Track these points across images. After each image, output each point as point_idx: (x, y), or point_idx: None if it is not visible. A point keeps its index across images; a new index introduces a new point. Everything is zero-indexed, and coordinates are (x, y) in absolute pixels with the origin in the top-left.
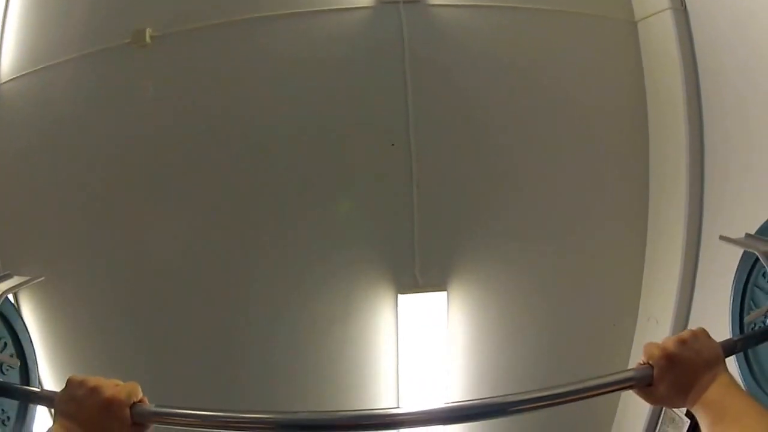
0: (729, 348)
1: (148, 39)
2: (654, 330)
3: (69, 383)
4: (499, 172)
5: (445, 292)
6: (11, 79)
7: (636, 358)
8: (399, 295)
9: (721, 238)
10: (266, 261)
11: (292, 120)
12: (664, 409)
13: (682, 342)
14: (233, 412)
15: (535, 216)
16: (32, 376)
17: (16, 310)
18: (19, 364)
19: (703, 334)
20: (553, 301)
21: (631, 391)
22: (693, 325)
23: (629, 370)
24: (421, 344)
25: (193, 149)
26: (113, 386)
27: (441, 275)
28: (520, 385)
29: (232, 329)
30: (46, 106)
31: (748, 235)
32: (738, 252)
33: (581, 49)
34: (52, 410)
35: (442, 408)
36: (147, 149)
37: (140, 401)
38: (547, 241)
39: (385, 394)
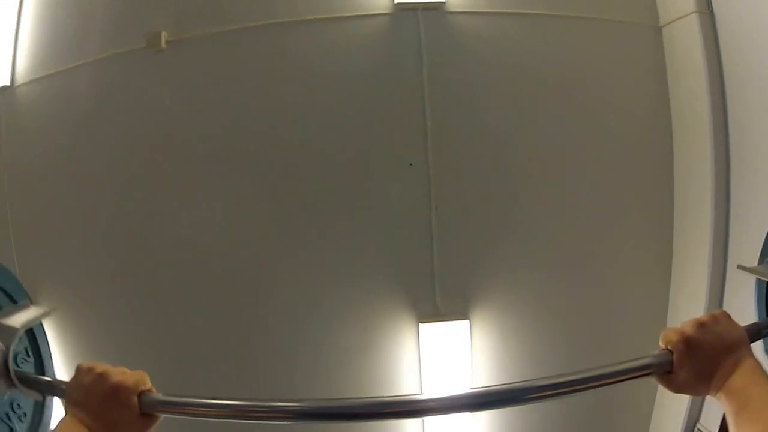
0: (754, 332)
1: (163, 43)
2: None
3: (77, 370)
4: (521, 194)
5: (467, 321)
6: (26, 83)
7: (662, 402)
8: (420, 324)
9: (739, 267)
10: (283, 290)
11: (307, 137)
12: (695, 430)
13: (701, 325)
14: (249, 400)
15: (558, 241)
16: (47, 369)
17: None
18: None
19: (724, 316)
20: (577, 329)
21: (664, 399)
22: None
23: (647, 356)
24: (444, 374)
25: (207, 157)
26: (120, 373)
27: (463, 303)
28: (544, 413)
29: (250, 359)
30: (61, 109)
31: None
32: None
33: (605, 56)
34: (64, 400)
35: (466, 394)
36: (162, 155)
37: (148, 390)
38: (570, 268)
39: (408, 426)
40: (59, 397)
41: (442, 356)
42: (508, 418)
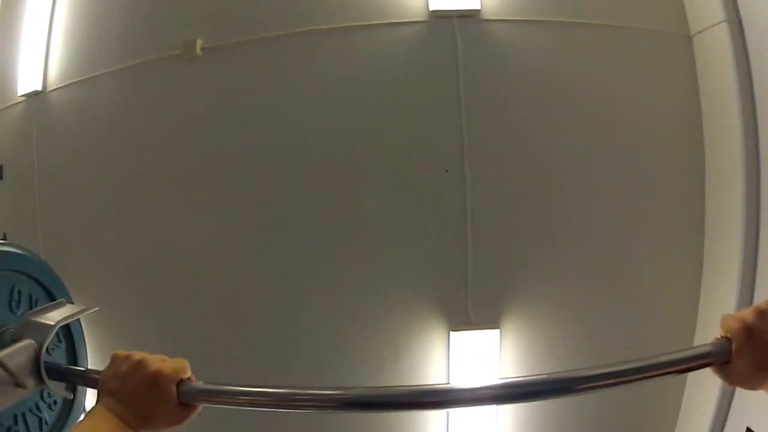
0: None
1: (198, 50)
2: (705, 373)
3: (113, 359)
4: (557, 203)
5: (498, 330)
6: (59, 88)
7: (690, 404)
8: (451, 332)
9: None
10: (319, 298)
11: (343, 144)
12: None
13: (762, 313)
14: (290, 388)
15: (592, 252)
16: (80, 356)
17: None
18: (64, 345)
19: None
20: (606, 343)
21: (689, 404)
22: None
23: (706, 344)
24: (470, 416)
25: (242, 162)
26: (160, 361)
27: (494, 312)
28: (569, 420)
29: (282, 370)
30: (93, 114)
31: None
32: None
33: (636, 65)
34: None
35: (499, 384)
36: (194, 161)
37: (188, 379)
38: (603, 280)
39: (432, 420)
40: (92, 387)
41: (472, 364)
42: (533, 412)
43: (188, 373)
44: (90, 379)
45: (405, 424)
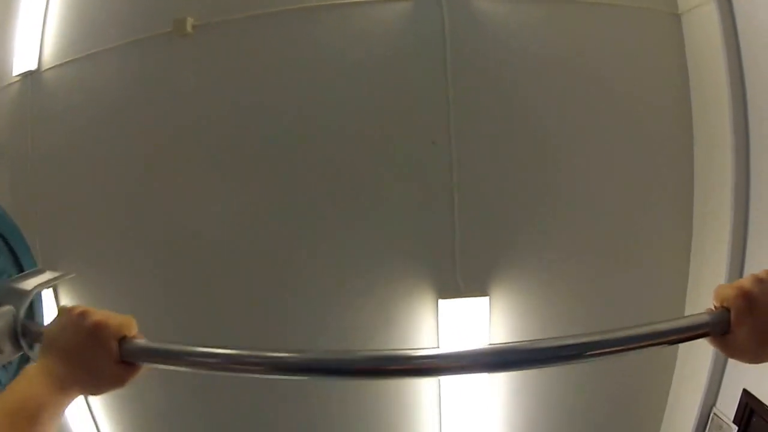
0: None
1: (189, 28)
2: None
3: (58, 313)
4: (542, 174)
5: (487, 298)
6: (53, 67)
7: (685, 369)
8: (440, 300)
9: None
10: (309, 268)
11: (331, 115)
12: (711, 415)
13: (760, 281)
14: (244, 350)
15: (577, 221)
16: (37, 315)
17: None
18: None
19: None
20: (595, 309)
21: (677, 397)
22: None
23: (703, 314)
24: (462, 385)
25: (232, 139)
26: (103, 313)
27: (483, 280)
28: (562, 390)
29: (273, 340)
30: (86, 93)
31: None
32: None
33: (624, 42)
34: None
35: (484, 350)
36: (186, 138)
37: (133, 337)
38: (590, 247)
39: (426, 400)
40: (39, 342)
41: (461, 332)
42: (522, 402)
43: (133, 331)
44: (36, 334)
45: (396, 390)
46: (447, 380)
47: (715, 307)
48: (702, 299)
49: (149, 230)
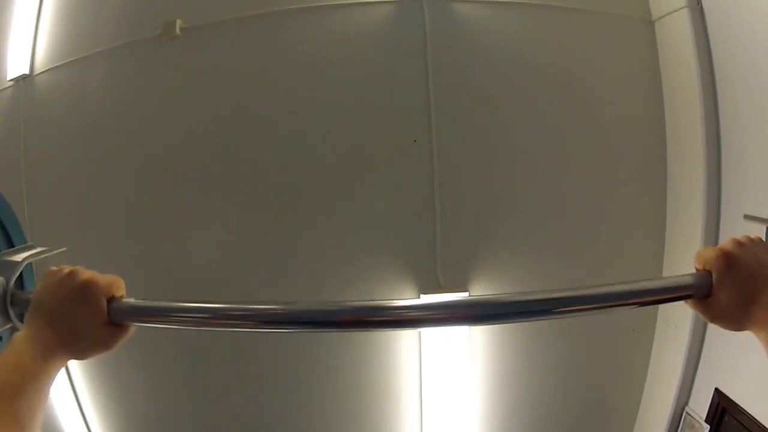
0: None
1: (178, 31)
2: (673, 335)
3: (45, 275)
4: (520, 173)
5: (466, 293)
6: (45, 70)
7: (658, 368)
8: (421, 295)
9: (746, 217)
10: (292, 264)
11: (315, 115)
12: (684, 414)
13: (740, 244)
14: (231, 303)
15: (555, 218)
16: (27, 284)
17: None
18: None
19: (760, 240)
20: None
21: (650, 396)
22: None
23: (686, 275)
24: (443, 344)
25: (219, 139)
26: (92, 273)
27: (462, 276)
28: (541, 381)
29: (253, 334)
30: (78, 96)
31: None
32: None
33: (599, 47)
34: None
35: (464, 301)
36: (175, 140)
37: (122, 297)
38: (569, 243)
39: (407, 391)
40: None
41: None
42: (499, 382)
43: (122, 291)
44: (26, 302)
45: (377, 344)
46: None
47: (696, 269)
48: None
49: (141, 231)
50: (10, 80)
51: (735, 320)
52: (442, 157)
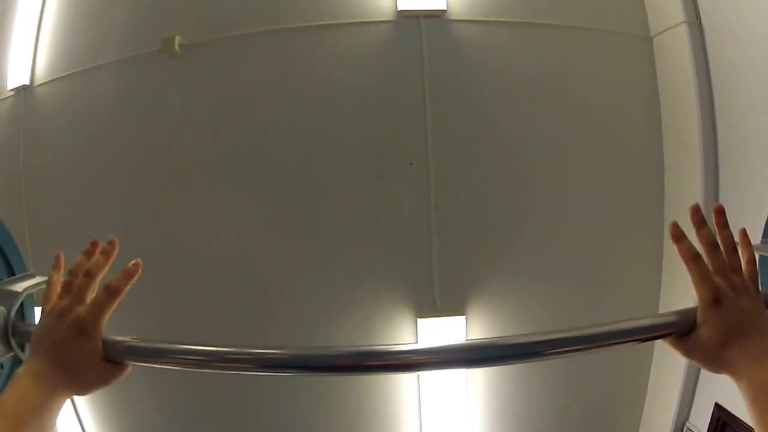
0: None
1: (177, 47)
2: (673, 350)
3: (42, 312)
4: (518, 195)
5: (463, 317)
6: (45, 83)
7: (658, 383)
8: (418, 319)
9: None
10: (289, 286)
11: (311, 137)
12: (684, 429)
13: (732, 285)
14: (227, 347)
15: (552, 240)
16: (27, 315)
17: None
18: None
19: (755, 286)
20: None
21: (651, 411)
22: None
23: (670, 313)
24: (442, 383)
25: (216, 157)
26: (83, 306)
27: (460, 299)
28: (539, 407)
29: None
30: (77, 108)
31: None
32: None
33: (598, 65)
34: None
35: (458, 346)
36: (173, 155)
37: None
38: (564, 267)
39: (406, 414)
40: (29, 342)
41: (440, 340)
42: (498, 407)
43: (111, 303)
44: (27, 334)
45: (376, 386)
46: (426, 384)
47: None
48: (672, 307)
49: (139, 243)
50: (11, 90)
51: (712, 360)
52: (438, 180)
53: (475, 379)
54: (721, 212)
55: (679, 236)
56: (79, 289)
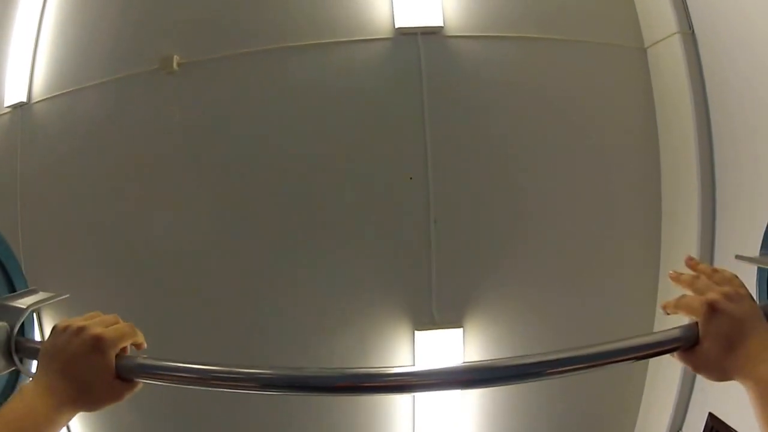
0: None
1: (175, 66)
2: (667, 359)
3: (53, 330)
4: (516, 209)
5: (461, 329)
6: (43, 99)
7: (652, 393)
8: (416, 332)
9: (737, 257)
10: (286, 298)
11: (312, 153)
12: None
13: (726, 295)
14: (236, 367)
15: (550, 254)
16: (27, 330)
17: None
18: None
19: (747, 293)
20: (568, 340)
21: (645, 421)
22: None
23: (674, 328)
24: (436, 401)
25: (214, 173)
26: (102, 327)
27: (457, 312)
28: (534, 416)
29: (250, 361)
30: (75, 126)
31: (764, 253)
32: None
33: (594, 78)
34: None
35: (460, 368)
36: (171, 171)
37: (139, 346)
38: (562, 281)
39: (401, 427)
40: (31, 358)
41: (436, 362)
42: (493, 418)
43: (133, 339)
44: (30, 350)
45: (370, 408)
46: (421, 399)
47: (684, 312)
48: (669, 321)
49: (135, 260)
50: (8, 107)
51: (720, 369)
52: (437, 195)
53: (470, 391)
54: (690, 259)
55: (675, 277)
56: (103, 320)
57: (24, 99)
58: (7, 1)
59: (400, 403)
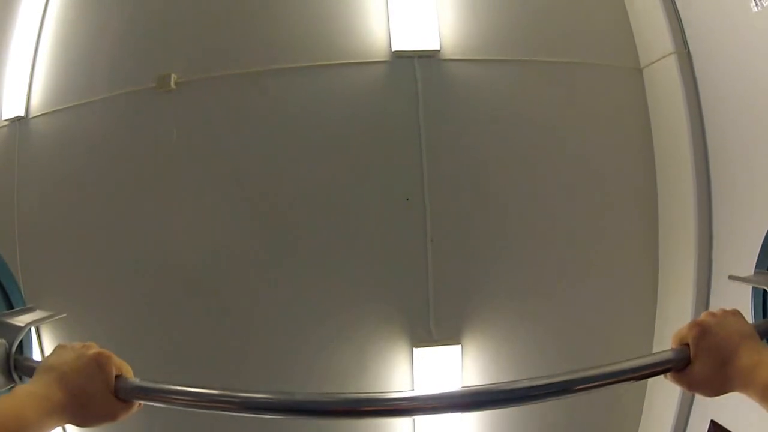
0: (763, 330)
1: (173, 84)
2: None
3: (56, 348)
4: (512, 227)
5: (459, 346)
6: (41, 114)
7: (654, 401)
8: (414, 349)
9: (731, 277)
10: (284, 316)
11: (309, 174)
12: None
13: (712, 315)
14: (234, 391)
15: (548, 269)
16: (25, 349)
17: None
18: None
19: (735, 311)
20: (567, 355)
21: (647, 430)
22: None
23: (666, 351)
24: (437, 424)
25: (212, 193)
26: (106, 350)
27: (455, 329)
28: (536, 416)
29: (247, 381)
30: (72, 142)
31: (758, 272)
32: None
33: (590, 99)
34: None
35: (459, 392)
36: (168, 191)
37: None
38: (558, 297)
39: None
40: (30, 376)
41: (435, 379)
42: (495, 422)
43: (130, 374)
44: (28, 368)
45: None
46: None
47: (673, 347)
48: (668, 337)
49: (132, 276)
50: (5, 120)
51: (715, 385)
52: (434, 215)
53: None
54: None
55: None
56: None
57: (22, 113)
58: (6, 16)
59: (400, 421)
